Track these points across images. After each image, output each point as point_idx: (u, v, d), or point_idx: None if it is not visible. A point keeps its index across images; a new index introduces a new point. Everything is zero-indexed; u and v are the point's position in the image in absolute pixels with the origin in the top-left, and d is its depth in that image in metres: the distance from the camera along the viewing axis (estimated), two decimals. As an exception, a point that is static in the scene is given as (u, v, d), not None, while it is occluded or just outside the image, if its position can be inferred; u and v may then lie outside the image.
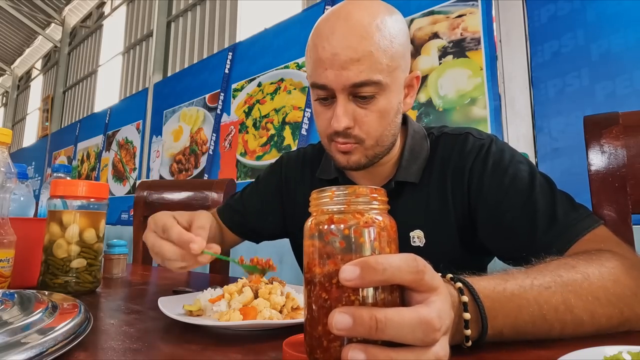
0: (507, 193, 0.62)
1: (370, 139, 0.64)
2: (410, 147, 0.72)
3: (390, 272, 0.26)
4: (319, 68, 0.62)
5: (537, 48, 1.67)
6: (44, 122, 6.47)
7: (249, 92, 2.96)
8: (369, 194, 0.29)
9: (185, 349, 0.38)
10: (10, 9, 6.24)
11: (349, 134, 0.63)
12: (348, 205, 0.28)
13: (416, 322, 0.26)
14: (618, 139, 0.68)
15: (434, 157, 0.71)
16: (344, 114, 0.61)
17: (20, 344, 0.32)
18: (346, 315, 0.25)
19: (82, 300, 0.49)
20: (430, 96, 1.96)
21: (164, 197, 1.40)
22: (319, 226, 0.29)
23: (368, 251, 0.28)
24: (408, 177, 0.70)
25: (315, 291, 0.28)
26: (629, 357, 0.29)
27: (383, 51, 0.60)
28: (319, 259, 0.28)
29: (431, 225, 0.69)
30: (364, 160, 0.66)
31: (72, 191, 0.66)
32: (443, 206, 0.69)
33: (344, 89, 0.60)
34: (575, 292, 0.41)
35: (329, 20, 0.62)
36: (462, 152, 0.68)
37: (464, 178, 0.67)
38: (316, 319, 0.27)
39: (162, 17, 4.23)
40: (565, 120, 1.57)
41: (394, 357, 0.26)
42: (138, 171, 3.97)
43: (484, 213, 0.65)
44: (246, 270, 0.54)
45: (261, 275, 0.54)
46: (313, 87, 0.65)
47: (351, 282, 0.26)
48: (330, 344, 0.26)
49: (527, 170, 0.63)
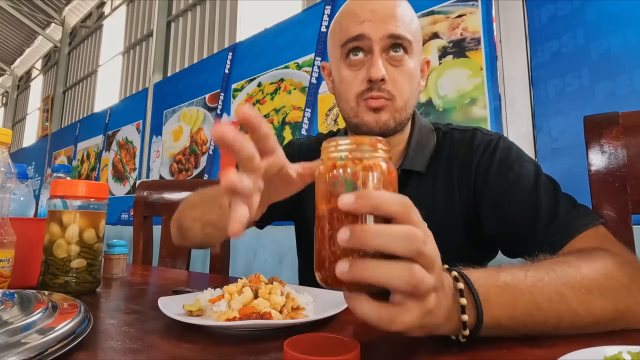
0: (511, 187, 0.63)
1: (401, 98, 0.66)
2: (417, 138, 0.74)
3: (380, 200, 0.30)
4: (354, 22, 0.65)
5: (537, 48, 1.67)
6: (44, 122, 6.47)
7: (249, 92, 2.96)
8: (368, 143, 0.33)
9: (185, 349, 0.38)
10: (10, 9, 6.24)
11: (383, 88, 0.64)
12: (350, 153, 0.33)
13: (402, 232, 0.30)
14: (618, 139, 0.68)
15: (441, 149, 0.73)
16: (380, 64, 0.64)
17: (20, 344, 0.32)
18: (347, 229, 0.30)
19: (82, 300, 0.49)
20: (430, 96, 1.96)
21: (164, 197, 1.40)
22: (326, 172, 0.34)
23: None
24: (414, 166, 0.71)
25: (321, 223, 0.33)
26: (629, 357, 0.29)
27: (409, 18, 0.66)
28: (325, 198, 0.33)
29: (436, 215, 0.69)
30: (392, 122, 0.66)
31: (72, 191, 0.66)
32: (449, 197, 0.70)
33: (382, 39, 0.64)
34: (568, 284, 0.41)
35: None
36: (470, 147, 0.70)
37: (470, 172, 0.69)
38: (321, 244, 0.33)
39: (162, 17, 4.23)
40: (565, 120, 1.57)
41: (375, 265, 0.29)
42: (138, 171, 3.97)
43: (488, 206, 0.66)
44: None
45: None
46: (346, 43, 0.66)
47: (346, 207, 0.30)
48: (331, 265, 0.32)
49: (533, 169, 0.65)
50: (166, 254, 1.35)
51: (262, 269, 2.21)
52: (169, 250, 1.34)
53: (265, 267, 2.32)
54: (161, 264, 1.34)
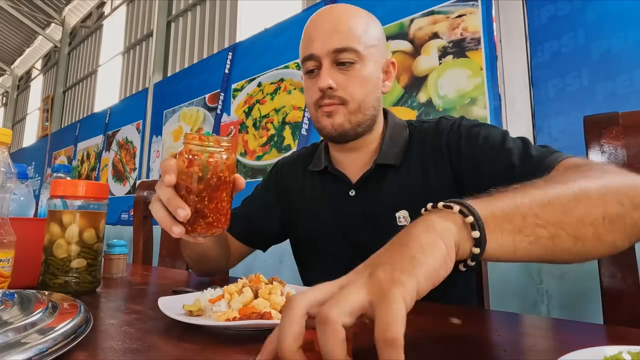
0: (483, 147, 0.68)
1: (353, 101, 0.72)
2: (390, 134, 0.79)
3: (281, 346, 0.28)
4: (307, 43, 0.74)
5: (537, 48, 1.67)
6: (44, 122, 6.47)
7: (249, 92, 2.96)
8: (208, 139, 0.48)
9: (185, 349, 0.38)
10: (10, 9, 6.24)
11: (333, 95, 0.72)
12: (200, 146, 0.48)
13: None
14: (618, 139, 0.68)
15: (412, 142, 0.78)
16: (328, 75, 0.71)
17: (20, 344, 0.32)
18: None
19: (82, 300, 0.49)
20: (430, 96, 1.96)
21: (164, 197, 1.40)
22: (183, 154, 0.48)
23: (206, 172, 0.48)
24: (388, 160, 0.76)
25: (182, 189, 0.48)
26: (628, 357, 0.29)
27: (361, 30, 0.72)
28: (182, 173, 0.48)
29: (415, 204, 0.71)
30: (347, 124, 0.73)
31: (72, 191, 0.66)
32: (425, 185, 0.74)
33: (328, 54, 0.71)
34: (559, 184, 0.42)
35: (317, 13, 0.77)
36: (436, 132, 0.76)
37: (443, 154, 0.73)
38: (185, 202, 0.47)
39: (162, 17, 4.23)
40: (565, 120, 1.57)
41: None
42: (138, 171, 3.96)
43: (466, 172, 0.70)
44: None
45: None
46: (302, 62, 0.76)
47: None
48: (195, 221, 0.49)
49: (499, 130, 0.70)
50: (166, 254, 1.35)
51: (262, 269, 2.20)
52: (169, 250, 1.34)
53: (265, 267, 2.32)
54: (161, 264, 1.34)
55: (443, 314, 0.52)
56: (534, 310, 1.51)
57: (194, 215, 0.48)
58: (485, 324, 0.52)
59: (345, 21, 0.72)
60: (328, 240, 0.81)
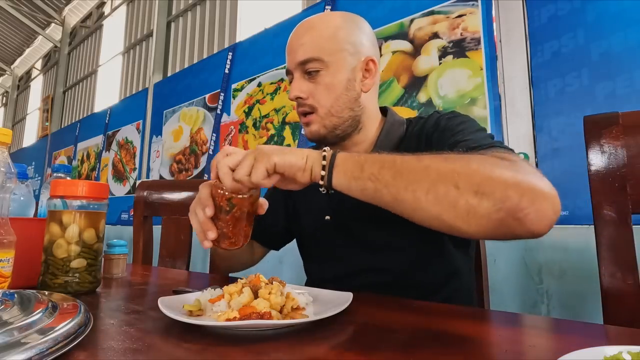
0: (445, 137, 0.71)
1: (322, 107, 0.76)
2: (387, 130, 0.81)
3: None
4: (286, 57, 0.79)
5: (537, 48, 1.67)
6: (44, 122, 6.47)
7: (249, 92, 2.96)
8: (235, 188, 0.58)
9: (185, 349, 0.38)
10: (10, 9, 6.24)
11: (304, 104, 0.76)
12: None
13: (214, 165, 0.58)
14: (618, 139, 0.68)
15: (407, 137, 0.81)
16: (295, 86, 0.76)
17: (20, 344, 0.32)
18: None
19: (82, 300, 0.49)
20: (430, 96, 1.96)
21: (164, 197, 1.40)
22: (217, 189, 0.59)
23: (231, 207, 0.58)
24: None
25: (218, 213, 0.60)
26: (628, 357, 0.29)
27: (326, 37, 0.75)
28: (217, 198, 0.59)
29: None
30: (323, 130, 0.77)
31: (72, 191, 0.66)
32: None
33: (296, 67, 0.76)
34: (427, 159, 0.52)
35: (294, 28, 0.80)
36: (424, 127, 0.78)
37: (431, 145, 0.75)
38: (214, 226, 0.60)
39: (162, 17, 4.23)
40: (565, 120, 1.57)
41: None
42: (138, 171, 3.97)
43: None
44: None
45: None
46: (286, 75, 0.81)
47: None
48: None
49: (476, 126, 0.71)
50: (166, 254, 1.35)
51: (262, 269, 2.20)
52: (169, 250, 1.35)
53: (265, 267, 2.31)
54: (161, 264, 1.34)
55: (443, 314, 0.52)
56: (534, 310, 1.51)
57: (220, 236, 0.59)
58: (485, 324, 0.52)
59: (309, 33, 0.76)
60: (329, 234, 0.83)
